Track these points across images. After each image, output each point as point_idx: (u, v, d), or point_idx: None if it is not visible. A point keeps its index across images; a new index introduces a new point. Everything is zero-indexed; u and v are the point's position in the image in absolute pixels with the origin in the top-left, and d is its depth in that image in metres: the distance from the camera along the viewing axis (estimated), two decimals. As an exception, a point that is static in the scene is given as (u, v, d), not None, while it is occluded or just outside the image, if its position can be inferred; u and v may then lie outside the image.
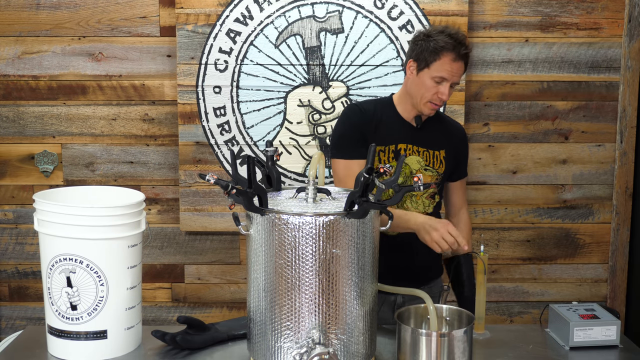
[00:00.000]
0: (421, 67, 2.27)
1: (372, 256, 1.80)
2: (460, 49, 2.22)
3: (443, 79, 2.24)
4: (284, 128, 3.14)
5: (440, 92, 2.25)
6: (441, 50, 2.22)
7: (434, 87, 2.25)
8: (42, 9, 3.13)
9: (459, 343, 1.83)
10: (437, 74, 2.24)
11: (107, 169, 3.24)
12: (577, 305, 2.19)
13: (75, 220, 1.89)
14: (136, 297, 2.02)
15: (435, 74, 2.24)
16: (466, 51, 2.25)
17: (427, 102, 2.28)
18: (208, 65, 3.08)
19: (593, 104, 3.23)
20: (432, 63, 2.24)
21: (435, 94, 2.26)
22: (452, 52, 2.22)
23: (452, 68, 2.23)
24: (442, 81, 2.24)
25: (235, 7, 3.05)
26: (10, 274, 3.32)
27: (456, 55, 2.22)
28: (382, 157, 2.33)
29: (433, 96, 2.26)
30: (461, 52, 2.23)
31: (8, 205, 3.27)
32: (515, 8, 3.14)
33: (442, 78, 2.24)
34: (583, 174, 3.27)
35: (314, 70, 3.09)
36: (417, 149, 2.36)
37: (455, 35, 2.25)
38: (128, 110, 3.20)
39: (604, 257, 3.35)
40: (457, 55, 2.22)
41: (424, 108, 2.30)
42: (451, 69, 2.23)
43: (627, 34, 3.16)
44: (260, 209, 1.74)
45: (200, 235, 3.28)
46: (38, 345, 2.04)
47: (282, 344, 1.75)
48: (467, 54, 2.26)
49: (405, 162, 2.34)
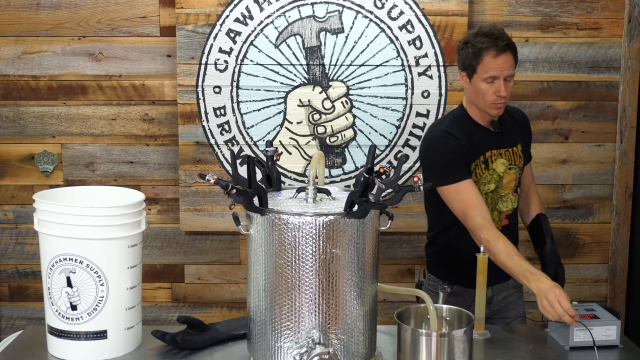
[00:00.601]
0: (470, 74, 2.29)
1: (372, 256, 1.80)
2: (498, 42, 2.23)
3: (494, 77, 2.25)
4: (284, 128, 3.14)
5: (496, 90, 2.26)
6: (480, 52, 2.24)
7: (490, 87, 2.27)
8: (42, 9, 3.13)
9: (459, 343, 1.82)
10: (486, 75, 2.25)
11: (107, 169, 3.24)
12: (577, 305, 2.18)
13: (75, 220, 1.89)
14: (136, 297, 2.02)
15: (485, 75, 2.25)
16: (505, 42, 2.24)
17: (490, 105, 2.30)
18: (208, 65, 3.08)
19: (593, 104, 3.23)
20: (478, 66, 2.26)
21: (493, 94, 2.27)
22: (492, 49, 2.23)
23: (498, 64, 2.24)
24: (494, 79, 2.25)
25: (235, 7, 3.05)
26: (10, 274, 3.32)
27: (496, 50, 2.23)
28: (477, 170, 2.36)
29: (492, 97, 2.27)
30: (499, 45, 2.23)
31: (8, 205, 3.27)
32: (515, 8, 3.14)
33: (492, 77, 2.25)
34: (583, 174, 3.27)
35: (314, 70, 3.09)
36: (500, 152, 2.38)
37: (490, 32, 2.26)
38: (128, 110, 3.20)
39: (604, 257, 3.35)
40: (497, 50, 2.23)
41: (491, 111, 2.32)
42: (497, 65, 2.24)
43: (627, 34, 3.16)
44: (260, 209, 1.74)
45: (200, 235, 3.28)
46: (38, 345, 2.04)
47: (282, 344, 1.75)
48: (509, 44, 2.25)
49: (493, 168, 2.37)
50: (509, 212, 2.43)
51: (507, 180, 2.39)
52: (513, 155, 2.41)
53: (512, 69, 2.27)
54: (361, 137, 3.13)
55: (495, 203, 2.40)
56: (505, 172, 2.38)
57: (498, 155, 2.38)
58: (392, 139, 3.14)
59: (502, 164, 2.38)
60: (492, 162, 2.37)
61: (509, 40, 2.26)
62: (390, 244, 3.30)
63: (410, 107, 3.11)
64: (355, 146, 3.14)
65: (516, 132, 2.45)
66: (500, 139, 2.39)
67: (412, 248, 3.30)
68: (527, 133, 2.53)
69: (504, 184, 2.39)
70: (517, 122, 2.49)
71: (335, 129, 3.13)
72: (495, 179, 2.37)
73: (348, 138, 3.14)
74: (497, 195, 2.39)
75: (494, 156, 2.37)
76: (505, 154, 2.39)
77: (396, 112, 3.12)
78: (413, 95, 3.10)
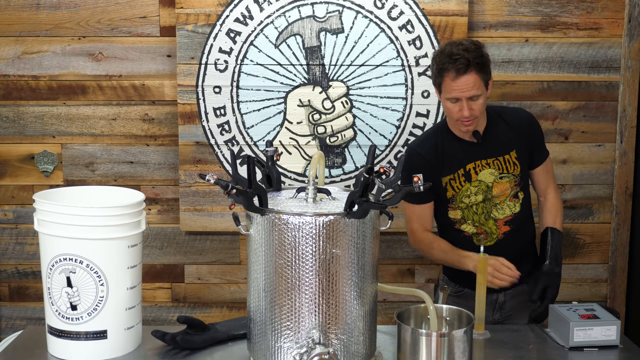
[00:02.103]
0: (439, 91, 2.25)
1: (372, 256, 1.80)
2: (457, 63, 2.13)
3: (456, 98, 2.19)
4: (284, 128, 3.14)
5: (460, 109, 2.20)
6: (441, 72, 2.18)
7: (454, 106, 2.21)
8: (42, 9, 3.13)
9: (459, 343, 1.83)
10: (447, 95, 2.20)
11: (107, 169, 3.24)
12: (577, 305, 2.19)
13: (75, 220, 1.89)
14: (136, 297, 2.02)
15: (447, 95, 2.20)
16: (463, 63, 2.14)
17: (456, 122, 2.26)
18: (208, 65, 3.08)
19: (593, 104, 3.23)
20: (441, 86, 2.21)
21: (457, 112, 2.21)
22: (451, 71, 2.15)
23: (458, 85, 2.16)
24: (457, 100, 2.19)
25: (235, 7, 3.05)
26: (10, 274, 3.32)
27: (455, 72, 2.15)
28: (454, 184, 2.33)
29: (457, 115, 2.22)
30: (458, 67, 2.14)
31: (8, 205, 3.27)
32: (515, 8, 3.14)
33: (455, 98, 2.19)
34: (583, 174, 3.27)
35: (314, 70, 3.09)
36: (486, 162, 2.33)
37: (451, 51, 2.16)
38: (128, 110, 3.20)
39: (604, 257, 3.35)
40: (456, 71, 2.15)
41: (460, 128, 2.27)
42: (457, 86, 2.16)
43: (627, 34, 3.16)
44: (260, 209, 1.74)
45: (200, 235, 3.28)
46: (38, 345, 2.04)
47: (282, 344, 1.75)
48: (470, 64, 2.14)
49: (478, 179, 2.33)
50: (509, 218, 2.39)
51: (500, 190, 2.35)
52: (504, 164, 2.34)
53: (476, 88, 2.17)
54: (361, 137, 3.14)
55: (489, 212, 2.36)
56: (495, 182, 2.33)
57: (484, 165, 2.33)
58: (392, 139, 3.14)
59: (491, 174, 2.33)
60: (477, 173, 2.33)
61: (470, 60, 2.14)
62: (390, 244, 3.30)
63: (410, 107, 3.11)
64: (355, 146, 3.14)
65: (508, 138, 2.36)
66: (485, 149, 2.34)
67: (412, 248, 3.30)
68: (528, 135, 2.39)
69: (497, 194, 2.35)
70: (512, 127, 2.38)
71: (335, 129, 3.13)
72: (482, 190, 2.34)
73: (348, 138, 3.14)
74: (490, 204, 2.36)
75: (479, 167, 2.33)
76: (494, 164, 2.33)
77: (396, 112, 3.12)
78: (413, 95, 3.10)
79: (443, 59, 2.18)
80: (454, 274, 2.48)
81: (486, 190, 2.33)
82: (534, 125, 2.43)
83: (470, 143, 2.34)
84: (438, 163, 2.33)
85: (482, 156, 2.33)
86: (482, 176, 2.33)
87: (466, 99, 2.19)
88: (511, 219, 2.39)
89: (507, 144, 2.36)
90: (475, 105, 2.21)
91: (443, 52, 2.19)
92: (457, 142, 2.35)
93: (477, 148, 2.34)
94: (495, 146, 2.35)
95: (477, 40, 2.25)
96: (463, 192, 2.34)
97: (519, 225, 2.42)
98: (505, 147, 2.35)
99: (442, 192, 2.37)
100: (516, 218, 2.40)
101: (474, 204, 2.34)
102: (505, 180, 2.34)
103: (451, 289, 2.49)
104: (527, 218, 2.45)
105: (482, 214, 2.35)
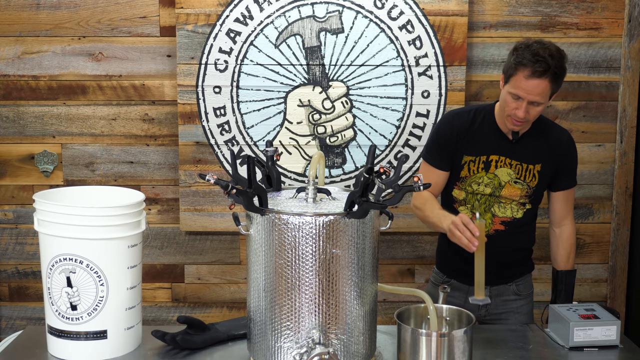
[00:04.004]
0: (505, 80, 2.22)
1: (372, 256, 1.80)
2: (536, 65, 2.10)
3: (518, 96, 2.16)
4: (284, 128, 3.14)
5: (516, 108, 2.17)
6: (517, 66, 2.14)
7: (512, 102, 2.18)
8: (42, 9, 3.13)
9: (459, 343, 1.83)
10: (512, 90, 2.17)
11: (107, 169, 3.24)
12: (577, 305, 2.19)
13: (75, 220, 1.89)
14: (136, 297, 2.02)
15: (511, 90, 2.17)
16: (542, 68, 2.10)
17: (506, 117, 2.24)
18: (208, 65, 3.08)
19: (593, 104, 3.23)
20: (510, 78, 2.17)
21: (513, 109, 2.19)
22: (528, 68, 2.11)
23: (527, 85, 2.12)
24: (519, 98, 2.16)
25: (235, 7, 3.05)
26: (10, 274, 3.32)
27: (531, 72, 2.11)
28: (472, 167, 2.33)
29: (512, 111, 2.20)
30: (536, 69, 2.10)
31: (8, 205, 3.27)
32: (515, 8, 3.14)
33: (517, 95, 2.16)
34: (583, 174, 3.27)
35: (314, 70, 3.09)
36: (509, 162, 2.32)
37: (537, 51, 2.12)
38: (128, 110, 3.20)
39: (604, 257, 3.35)
40: (532, 72, 2.11)
41: (507, 122, 2.25)
42: (526, 86, 2.13)
43: (627, 34, 3.16)
44: (260, 209, 1.74)
45: (200, 235, 3.28)
46: (38, 345, 2.04)
47: (282, 344, 1.75)
48: (547, 71, 2.10)
49: (495, 173, 2.33)
50: (507, 220, 2.38)
51: (509, 193, 2.34)
52: (525, 172, 2.33)
53: (542, 96, 2.14)
54: (361, 137, 3.14)
55: (491, 206, 2.36)
56: (509, 183, 2.33)
57: (506, 164, 2.33)
58: (392, 139, 3.14)
59: (508, 174, 2.33)
60: (497, 167, 2.33)
61: (551, 67, 2.11)
62: (390, 244, 3.30)
63: (410, 107, 3.11)
64: (355, 146, 3.14)
65: (540, 152, 2.34)
66: (514, 149, 2.32)
67: (412, 248, 3.31)
68: (561, 157, 2.36)
69: (505, 195, 2.35)
70: (550, 144, 2.35)
71: (335, 129, 3.13)
72: (494, 185, 2.33)
73: (348, 138, 3.14)
74: (495, 200, 2.36)
75: (501, 163, 2.32)
76: (516, 167, 2.32)
77: (396, 112, 3.12)
78: (413, 95, 3.10)
79: (526, 54, 2.13)
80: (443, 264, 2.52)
81: (497, 187, 2.34)
82: (571, 152, 2.40)
83: (505, 137, 2.34)
84: (466, 140, 2.32)
85: (508, 154, 2.33)
86: (500, 172, 2.33)
87: (528, 102, 2.16)
88: (509, 221, 2.38)
89: (537, 156, 2.34)
90: (533, 111, 2.19)
91: (529, 48, 2.15)
92: (493, 130, 2.34)
93: (508, 145, 2.33)
94: (525, 152, 2.33)
95: (562, 50, 2.21)
96: (476, 177, 2.34)
97: (514, 230, 2.39)
98: (534, 157, 2.34)
99: (457, 169, 2.37)
100: (514, 223, 2.39)
101: (480, 193, 2.34)
102: (518, 186, 2.33)
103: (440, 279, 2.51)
104: (526, 229, 2.43)
105: (484, 205, 2.35)
